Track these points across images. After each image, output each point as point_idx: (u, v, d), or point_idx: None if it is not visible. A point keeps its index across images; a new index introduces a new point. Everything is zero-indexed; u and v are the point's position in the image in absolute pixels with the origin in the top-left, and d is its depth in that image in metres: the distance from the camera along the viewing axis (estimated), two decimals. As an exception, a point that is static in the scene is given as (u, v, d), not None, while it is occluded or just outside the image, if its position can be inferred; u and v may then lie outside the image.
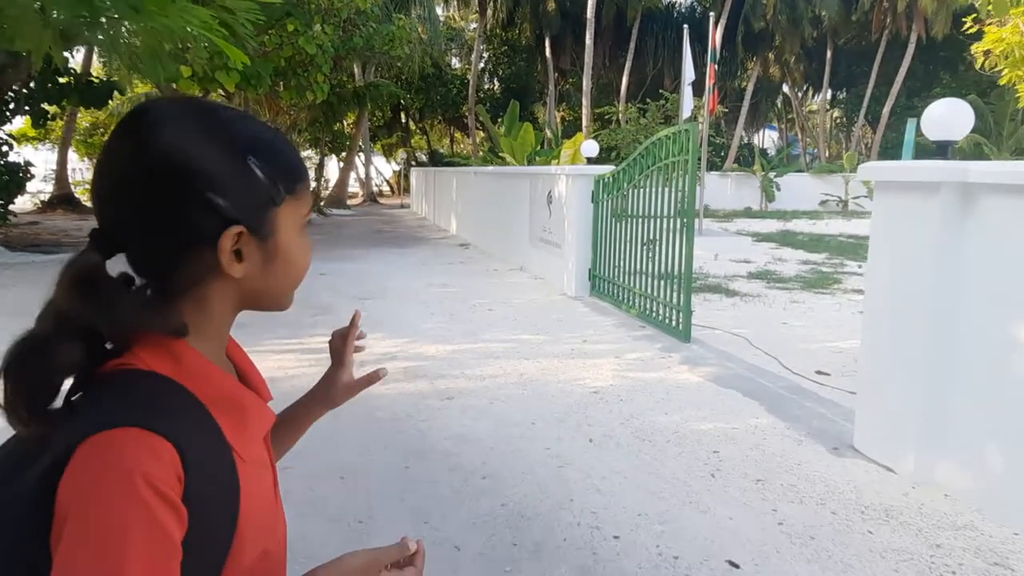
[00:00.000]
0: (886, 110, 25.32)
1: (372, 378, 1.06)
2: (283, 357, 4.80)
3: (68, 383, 0.65)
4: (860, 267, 9.58)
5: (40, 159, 22.96)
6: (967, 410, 2.79)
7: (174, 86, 9.25)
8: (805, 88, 33.36)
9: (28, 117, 11.78)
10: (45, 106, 11.60)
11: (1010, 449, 2.63)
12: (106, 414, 0.59)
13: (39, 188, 20.71)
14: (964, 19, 10.36)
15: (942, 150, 2.88)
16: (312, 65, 9.87)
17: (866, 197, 21.66)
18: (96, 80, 11.27)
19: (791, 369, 4.63)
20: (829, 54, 26.99)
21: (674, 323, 5.41)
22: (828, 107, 31.75)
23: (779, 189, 22.08)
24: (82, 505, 0.55)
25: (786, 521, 2.67)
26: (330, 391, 1.04)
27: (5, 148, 11.37)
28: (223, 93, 14.88)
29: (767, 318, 6.25)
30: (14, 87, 10.91)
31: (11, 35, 3.63)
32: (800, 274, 8.84)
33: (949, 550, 2.46)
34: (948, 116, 2.80)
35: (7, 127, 11.53)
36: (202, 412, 0.65)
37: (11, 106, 11.30)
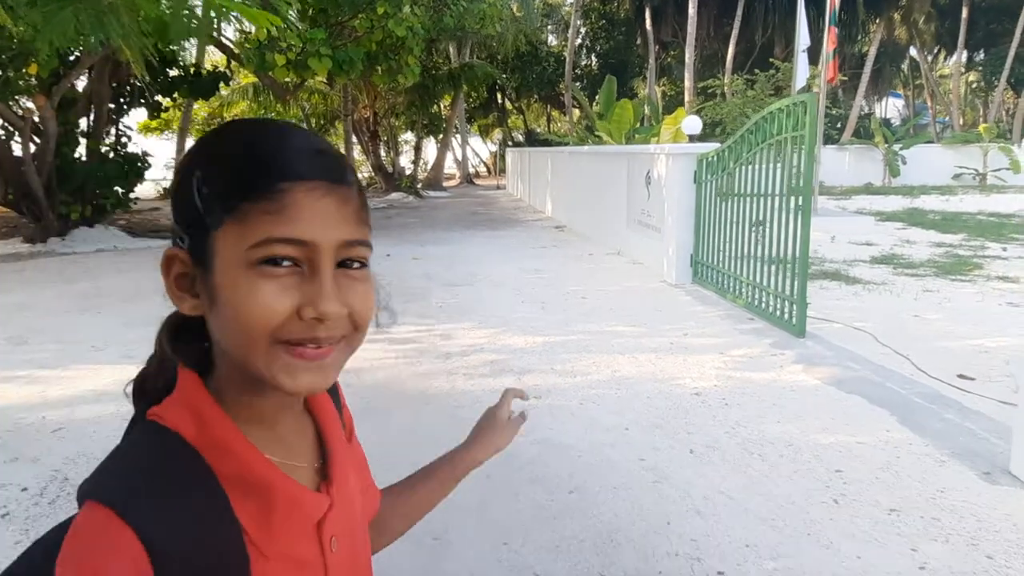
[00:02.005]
0: (1032, 72, 22.61)
1: (520, 420, 1.01)
2: (368, 347, 4.65)
3: None
4: (1005, 250, 8.51)
5: (162, 149, 24.53)
6: None
7: (271, 74, 9.43)
8: (936, 50, 30.35)
9: (144, 109, 12.49)
10: (159, 98, 12.23)
11: None
12: (101, 480, 0.55)
13: (162, 176, 22.11)
14: None
15: None
16: (403, 48, 9.79)
17: (1008, 170, 19.48)
18: (204, 72, 11.74)
19: (926, 372, 4.05)
20: (965, 11, 24.35)
21: (787, 315, 4.90)
22: (963, 71, 28.72)
23: (905, 163, 20.23)
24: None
25: (929, 564, 2.24)
26: (473, 447, 0.96)
27: (124, 139, 12.09)
28: (323, 80, 15.23)
29: (895, 310, 5.58)
30: (130, 81, 11.57)
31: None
32: (933, 258, 7.93)
33: None
34: None
35: (125, 119, 12.24)
36: (210, 495, 0.56)
37: (128, 99, 11.99)
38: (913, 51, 29.34)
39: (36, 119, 9.88)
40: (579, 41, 28.51)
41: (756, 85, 17.13)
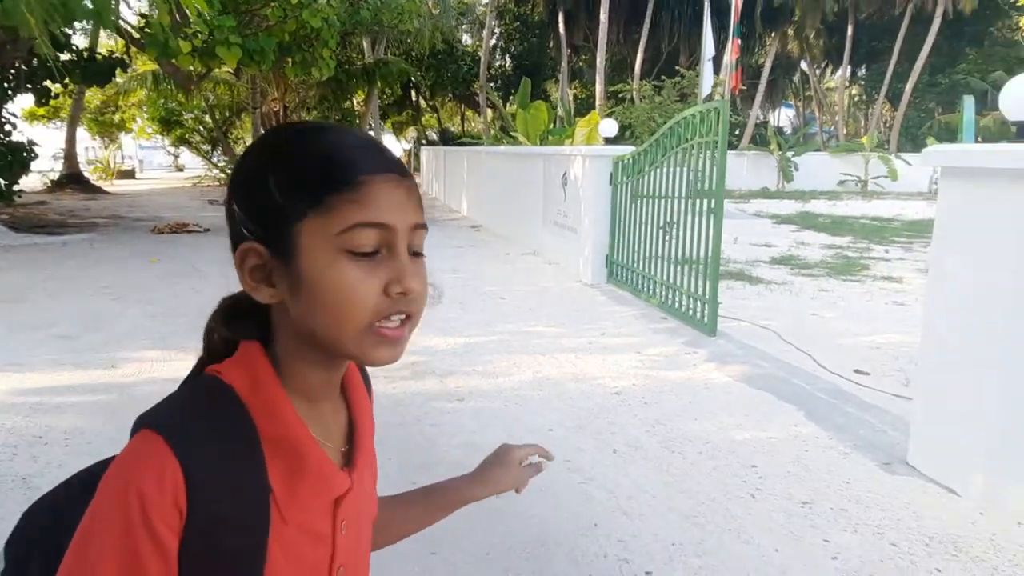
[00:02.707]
0: (908, 87, 24.53)
1: (535, 471, 1.00)
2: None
3: None
4: (887, 252, 9.19)
5: (50, 138, 22.72)
6: (1048, 429, 2.45)
7: (174, 62, 8.89)
8: (824, 64, 32.47)
9: (32, 95, 11.51)
10: (48, 84, 11.29)
11: (1101, 476, 2.30)
12: (159, 413, 0.61)
13: (49, 167, 20.46)
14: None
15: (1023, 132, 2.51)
16: (318, 40, 9.46)
17: (886, 177, 21.06)
18: (100, 56, 10.93)
19: (827, 368, 4.28)
20: (850, 29, 26.14)
21: (699, 315, 5.07)
22: (847, 84, 30.89)
23: (797, 169, 21.52)
24: (95, 498, 0.57)
25: (841, 555, 2.35)
26: (476, 483, 0.96)
27: (8, 127, 11.09)
28: (229, 70, 14.51)
29: (795, 308, 5.90)
30: (16, 65, 10.61)
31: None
32: (825, 259, 8.45)
33: (1034, 595, 2.14)
34: (1035, 92, 2.42)
35: (9, 105, 11.23)
36: (250, 449, 0.60)
37: (13, 84, 11.00)
38: (804, 64, 31.27)
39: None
40: (494, 41, 28.58)
41: (663, 91, 17.74)
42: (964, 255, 2.72)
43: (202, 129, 25.11)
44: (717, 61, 13.80)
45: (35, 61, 10.70)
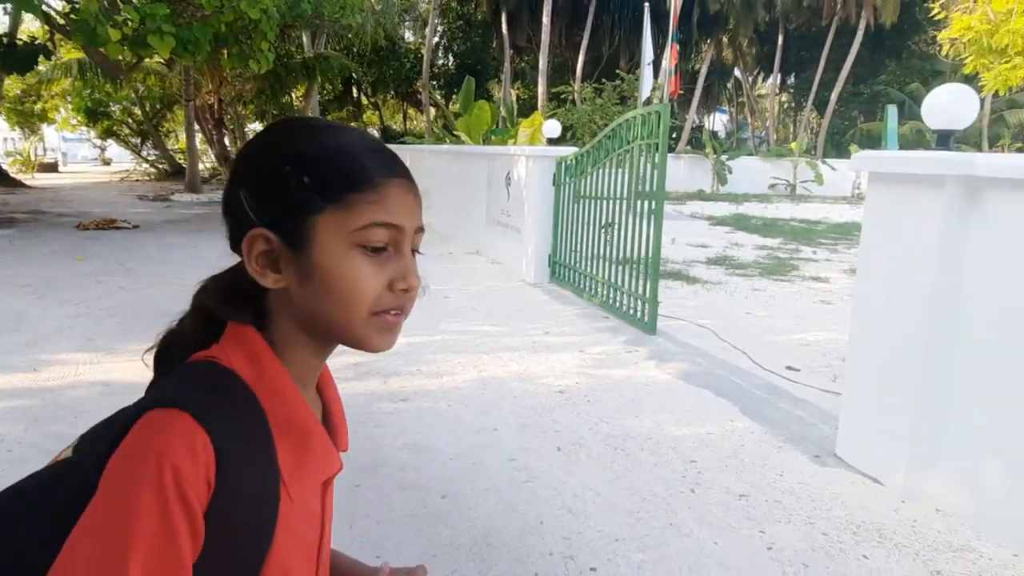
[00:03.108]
0: (834, 96, 25.68)
1: None
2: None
3: None
4: (815, 253, 9.59)
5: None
6: (964, 419, 2.61)
7: (102, 50, 8.49)
8: (756, 72, 33.64)
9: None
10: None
11: (1010, 463, 2.46)
12: (171, 393, 0.60)
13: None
14: (931, 3, 10.32)
15: (943, 140, 2.66)
16: (256, 32, 9.19)
17: (813, 181, 21.97)
18: (20, 42, 10.31)
19: (761, 364, 4.44)
20: (781, 39, 27.19)
21: (639, 314, 5.17)
22: (777, 91, 32.07)
23: (731, 172, 22.21)
24: (110, 474, 0.55)
25: (775, 545, 2.44)
26: None
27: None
28: (161, 60, 13.95)
29: (730, 308, 6.09)
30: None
31: None
32: (758, 260, 8.76)
33: (951, 576, 2.27)
34: (952, 103, 2.58)
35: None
36: (262, 429, 0.62)
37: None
38: (737, 71, 32.32)
39: None
40: (436, 40, 28.39)
41: (604, 94, 18.01)
42: (889, 255, 2.86)
43: (131, 121, 24.09)
44: (656, 65, 14.11)
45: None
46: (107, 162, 35.25)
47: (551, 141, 7.50)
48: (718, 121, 38.27)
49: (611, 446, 3.18)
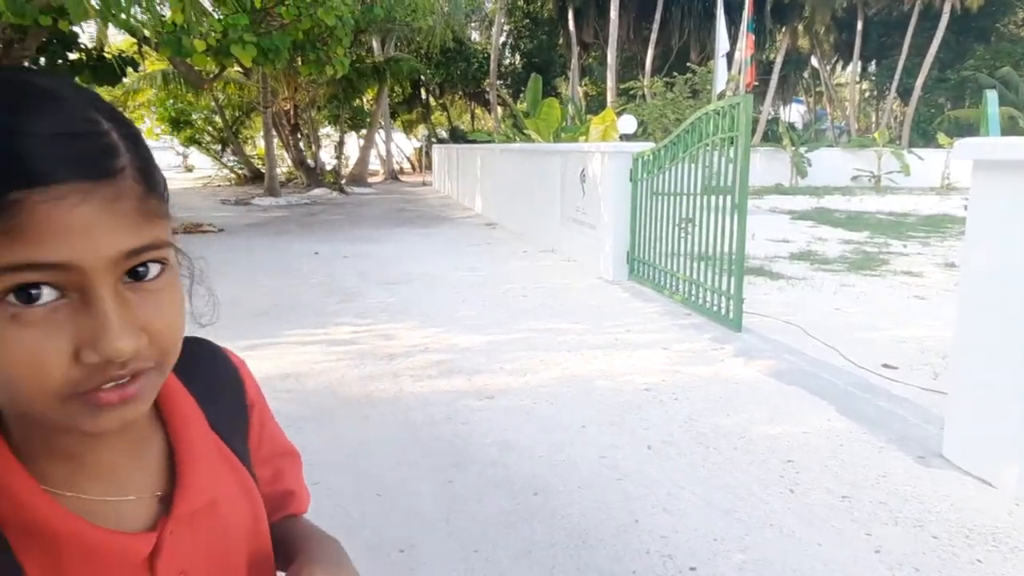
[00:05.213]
0: (918, 83, 24.37)
1: None
2: (308, 349, 4.52)
3: None
4: (905, 247, 9.13)
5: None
6: (1093, 422, 2.43)
7: (188, 61, 8.93)
8: (834, 60, 32.28)
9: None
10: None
11: None
12: None
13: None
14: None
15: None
16: (332, 38, 9.48)
17: (899, 172, 20.91)
18: (109, 56, 10.95)
19: (855, 362, 4.26)
20: (860, 24, 26.01)
21: (723, 311, 5.05)
22: (858, 80, 30.68)
23: (810, 165, 21.40)
24: None
25: (883, 548, 2.34)
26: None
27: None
28: (240, 69, 14.56)
29: (818, 304, 5.86)
30: (24, 64, 10.66)
31: None
32: (844, 254, 8.40)
33: (1084, 589, 2.12)
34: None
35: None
36: None
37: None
38: (814, 60, 31.09)
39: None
40: (503, 39, 28.57)
41: (675, 88, 17.66)
42: (997, 246, 2.69)
43: (212, 129, 25.21)
44: (729, 57, 13.75)
45: (42, 60, 10.72)
46: (190, 169, 37.04)
47: (624, 137, 7.41)
48: (794, 112, 36.93)
49: (703, 444, 3.12)
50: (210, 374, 0.65)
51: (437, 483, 2.79)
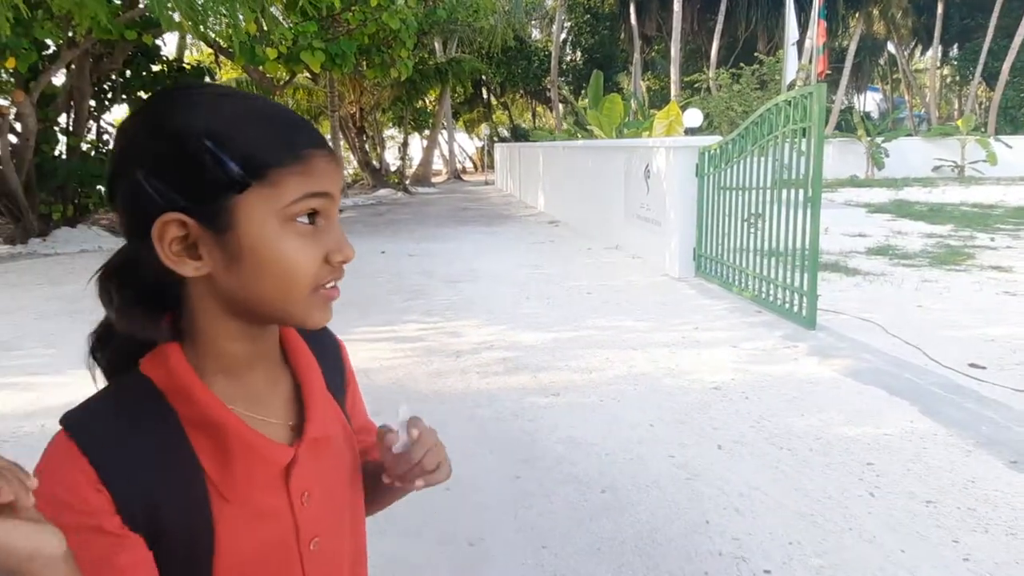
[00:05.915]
0: (1006, 66, 22.90)
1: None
2: (377, 346, 4.63)
3: None
4: (993, 240, 8.61)
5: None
6: None
7: (261, 68, 9.27)
8: (913, 45, 30.72)
9: (127, 105, 12.22)
10: (141, 94, 11.98)
11: None
12: (73, 412, 0.61)
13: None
14: None
15: None
16: (396, 41, 9.66)
17: (985, 161, 19.76)
18: (188, 66, 11.50)
19: (939, 361, 4.06)
20: (940, 6, 24.70)
21: (796, 308, 4.89)
22: (939, 65, 29.12)
23: (888, 155, 20.44)
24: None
25: (972, 556, 2.22)
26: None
27: (106, 136, 11.82)
28: (309, 75, 15.01)
29: (898, 300, 5.61)
30: (112, 76, 11.29)
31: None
32: (926, 248, 8.00)
33: None
34: None
35: (107, 116, 11.96)
36: (172, 431, 0.61)
37: (109, 95, 11.71)
38: (891, 46, 29.68)
39: (14, 115, 9.60)
40: (564, 36, 28.46)
41: (741, 79, 17.19)
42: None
43: (283, 134, 26.03)
44: (799, 45, 13.28)
45: (128, 72, 11.34)
46: (263, 173, 38.45)
47: (690, 131, 7.27)
48: (870, 101, 35.37)
49: (775, 445, 3.03)
50: (321, 342, 0.78)
51: (505, 478, 2.82)
